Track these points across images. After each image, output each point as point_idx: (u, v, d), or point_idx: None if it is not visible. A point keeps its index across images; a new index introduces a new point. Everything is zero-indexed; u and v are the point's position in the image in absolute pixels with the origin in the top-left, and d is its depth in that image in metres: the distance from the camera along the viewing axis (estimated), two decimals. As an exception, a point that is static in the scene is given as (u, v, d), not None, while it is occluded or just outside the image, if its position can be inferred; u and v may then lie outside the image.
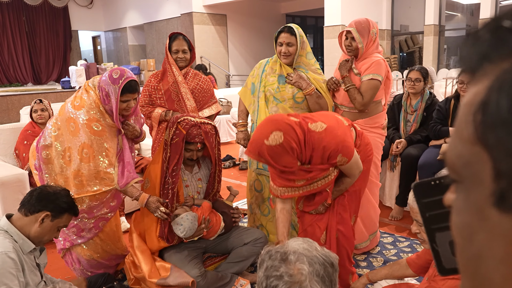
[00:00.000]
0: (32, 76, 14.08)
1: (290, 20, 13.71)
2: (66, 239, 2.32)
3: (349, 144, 1.95)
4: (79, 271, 2.38)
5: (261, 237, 2.42)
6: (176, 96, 2.82)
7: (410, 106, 3.36)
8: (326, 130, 1.90)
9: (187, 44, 2.82)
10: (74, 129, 2.13)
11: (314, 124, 1.92)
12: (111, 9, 14.92)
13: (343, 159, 1.93)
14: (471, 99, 0.30)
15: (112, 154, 2.18)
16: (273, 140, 1.78)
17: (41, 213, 1.70)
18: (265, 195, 2.71)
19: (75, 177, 2.14)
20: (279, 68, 2.57)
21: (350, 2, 9.05)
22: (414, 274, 1.89)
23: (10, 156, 3.43)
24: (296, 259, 0.97)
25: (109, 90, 2.11)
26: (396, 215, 3.32)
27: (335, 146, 1.89)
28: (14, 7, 13.32)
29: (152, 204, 2.23)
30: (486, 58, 0.30)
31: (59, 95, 9.19)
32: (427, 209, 0.45)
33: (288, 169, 1.88)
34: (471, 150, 0.29)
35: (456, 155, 0.31)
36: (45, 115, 3.42)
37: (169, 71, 2.81)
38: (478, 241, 0.29)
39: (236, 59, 12.41)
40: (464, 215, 0.31)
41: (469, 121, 0.29)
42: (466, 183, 0.31)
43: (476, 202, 0.30)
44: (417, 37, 11.24)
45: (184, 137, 2.27)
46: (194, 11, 11.19)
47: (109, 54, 16.04)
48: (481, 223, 0.29)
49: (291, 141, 1.80)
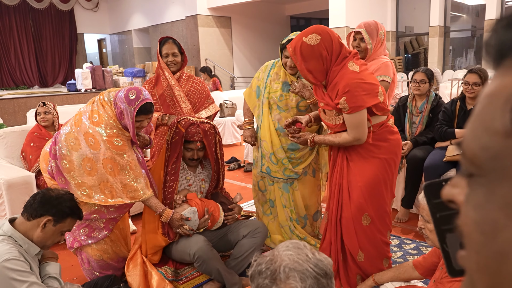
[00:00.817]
0: (38, 79, 14.18)
1: (294, 22, 13.73)
2: (76, 239, 2.34)
3: (358, 98, 1.94)
4: (88, 271, 2.40)
5: (258, 227, 2.43)
6: (171, 100, 2.82)
7: (415, 108, 3.35)
8: (353, 73, 1.97)
9: (177, 48, 2.81)
10: (94, 143, 2.16)
11: (352, 63, 2.00)
12: (117, 12, 15.02)
13: (345, 105, 1.96)
14: (499, 90, 0.29)
15: (135, 166, 2.22)
16: (310, 39, 1.96)
17: (43, 218, 1.68)
18: (268, 196, 2.73)
19: (104, 187, 2.18)
20: (284, 74, 2.56)
21: (355, 3, 9.04)
22: (420, 277, 1.87)
23: (17, 158, 3.46)
24: (287, 276, 0.92)
25: (123, 109, 2.16)
26: (402, 217, 3.31)
27: (345, 85, 1.94)
28: (20, 11, 13.45)
29: (176, 222, 2.27)
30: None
31: (65, 98, 9.26)
32: (438, 210, 0.44)
33: (313, 79, 2.02)
34: (503, 143, 0.28)
35: (480, 147, 0.29)
36: (48, 117, 3.45)
37: (162, 76, 2.83)
38: (504, 238, 0.28)
39: (240, 61, 12.44)
40: (487, 210, 0.30)
41: (502, 113, 0.28)
42: (491, 177, 0.29)
43: (504, 197, 0.28)
44: (422, 38, 11.20)
45: (183, 136, 2.32)
46: (198, 14, 11.24)
47: (115, 56, 16.13)
48: (507, 219, 0.28)
49: (323, 48, 1.96)
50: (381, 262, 2.26)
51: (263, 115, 2.60)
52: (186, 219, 2.28)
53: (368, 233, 2.19)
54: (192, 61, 11.68)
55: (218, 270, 2.24)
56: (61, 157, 2.20)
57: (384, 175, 2.14)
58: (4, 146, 3.45)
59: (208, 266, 2.21)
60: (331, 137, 2.13)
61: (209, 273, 2.27)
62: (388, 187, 2.20)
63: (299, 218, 2.74)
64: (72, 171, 2.19)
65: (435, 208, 0.45)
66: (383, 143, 2.12)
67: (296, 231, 2.70)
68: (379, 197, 2.16)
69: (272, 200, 2.73)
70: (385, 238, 2.26)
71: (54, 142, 2.26)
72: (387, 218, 2.24)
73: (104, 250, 2.37)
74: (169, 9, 12.69)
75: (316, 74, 2.01)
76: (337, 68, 1.99)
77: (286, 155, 2.57)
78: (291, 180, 2.63)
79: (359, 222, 2.18)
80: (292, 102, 2.51)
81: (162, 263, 2.42)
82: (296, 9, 13.30)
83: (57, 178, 2.25)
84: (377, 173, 2.12)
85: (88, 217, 2.27)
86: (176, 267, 2.41)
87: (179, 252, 2.33)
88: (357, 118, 1.98)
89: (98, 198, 2.19)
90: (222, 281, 2.29)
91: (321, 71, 2.00)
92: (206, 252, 2.21)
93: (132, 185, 2.19)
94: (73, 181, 2.20)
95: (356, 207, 2.15)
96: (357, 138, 2.03)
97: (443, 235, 0.45)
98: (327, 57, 1.98)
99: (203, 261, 2.19)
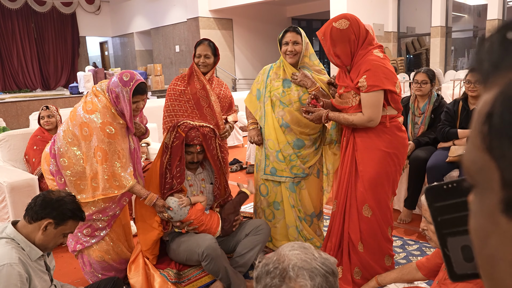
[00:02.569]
0: (41, 82, 14.24)
1: (296, 23, 13.72)
2: (78, 241, 2.35)
3: (378, 78, 2.07)
4: (90, 274, 2.40)
5: (261, 224, 2.45)
6: (205, 102, 2.82)
7: (417, 108, 3.34)
8: (378, 58, 2.10)
9: (212, 50, 2.81)
10: (87, 133, 2.20)
11: (377, 51, 2.14)
12: (118, 15, 15.07)
13: (364, 83, 2.07)
14: (481, 107, 0.31)
15: (123, 156, 2.26)
16: (339, 24, 2.10)
17: (44, 221, 1.66)
18: (270, 199, 2.71)
19: (92, 179, 2.22)
20: (283, 72, 2.58)
21: (356, 5, 9.04)
22: (424, 278, 1.87)
23: (20, 161, 3.47)
24: (296, 275, 0.92)
25: (119, 92, 2.21)
26: (405, 218, 3.30)
27: (368, 64, 2.07)
28: (23, 14, 13.51)
29: (158, 208, 2.34)
30: (496, 67, 0.30)
31: (67, 101, 9.29)
32: (439, 214, 0.44)
33: (340, 61, 2.16)
34: (483, 158, 0.30)
35: (471, 161, 0.32)
36: (52, 121, 3.46)
37: (196, 77, 2.83)
38: (492, 243, 0.30)
39: (242, 63, 12.45)
40: (479, 217, 0.32)
41: (478, 131, 0.30)
42: (480, 188, 0.32)
43: (489, 207, 0.30)
44: (424, 39, 11.19)
45: (183, 140, 2.36)
46: (200, 16, 11.26)
47: (117, 59, 16.18)
48: (493, 227, 0.30)
49: (352, 32, 2.10)
50: (382, 258, 2.27)
51: (266, 114, 2.61)
52: (168, 208, 2.33)
53: (369, 225, 2.23)
54: (194, 63, 11.69)
55: (225, 269, 2.25)
56: (60, 155, 2.23)
57: (386, 168, 2.19)
58: (7, 149, 3.46)
59: (216, 264, 2.22)
60: (346, 114, 2.21)
61: (216, 272, 2.26)
62: (391, 182, 2.23)
63: (307, 216, 2.74)
64: (70, 168, 2.22)
65: (436, 212, 0.44)
66: (389, 137, 2.17)
67: (303, 232, 2.69)
68: (380, 189, 2.21)
69: (277, 202, 2.71)
70: (386, 233, 2.28)
71: (53, 142, 2.30)
72: (388, 213, 2.28)
73: (105, 251, 2.37)
74: (170, 12, 12.72)
75: (343, 57, 2.14)
76: (362, 52, 2.13)
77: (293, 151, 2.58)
78: (298, 179, 2.63)
79: (360, 212, 2.24)
80: (294, 96, 2.53)
81: (164, 265, 2.42)
82: (297, 11, 13.31)
83: (56, 177, 2.27)
84: (380, 165, 2.17)
85: (90, 217, 2.28)
86: (178, 268, 2.41)
87: (187, 251, 2.32)
88: (374, 97, 2.07)
89: (92, 194, 2.23)
90: (228, 280, 2.28)
91: (347, 54, 2.13)
92: (215, 249, 2.22)
93: (119, 174, 2.23)
94: (70, 178, 2.23)
95: (358, 196, 2.22)
96: (371, 119, 2.11)
97: (444, 239, 0.44)
98: (355, 40, 2.11)
99: (211, 259, 2.20)
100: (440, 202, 0.44)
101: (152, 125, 4.23)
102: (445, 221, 0.44)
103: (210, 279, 2.41)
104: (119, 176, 2.23)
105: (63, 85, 14.41)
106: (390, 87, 2.08)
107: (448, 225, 0.44)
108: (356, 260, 2.28)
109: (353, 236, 2.27)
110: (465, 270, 0.44)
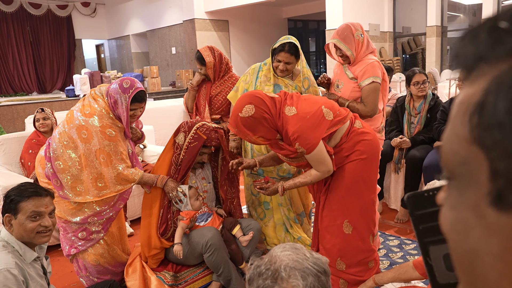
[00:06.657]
0: (37, 85, 14.18)
1: (292, 24, 13.75)
2: (73, 245, 2.34)
3: (309, 137, 1.96)
4: (86, 278, 2.39)
5: (250, 223, 2.48)
6: (203, 97, 3.09)
7: (413, 108, 3.35)
8: (293, 117, 2.00)
9: (211, 53, 3.05)
10: (86, 136, 2.20)
11: (288, 108, 2.02)
12: (114, 17, 15.05)
13: (301, 148, 1.99)
14: (466, 99, 0.30)
15: (126, 157, 2.29)
16: (246, 112, 1.97)
17: (4, 219, 1.66)
18: (261, 199, 2.75)
19: (97, 180, 2.22)
20: (273, 77, 2.57)
21: (352, 5, 9.06)
22: (420, 277, 1.87)
23: (15, 165, 3.45)
24: (288, 275, 0.92)
25: (118, 98, 2.22)
26: (401, 217, 3.30)
27: (292, 133, 1.98)
28: (18, 18, 13.46)
29: (170, 186, 2.34)
30: (482, 58, 0.30)
31: (63, 104, 9.26)
32: (421, 222, 0.43)
33: (266, 141, 2.05)
34: (468, 150, 0.29)
35: (452, 153, 0.31)
36: (47, 123, 3.45)
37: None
38: (474, 237, 0.30)
39: (238, 64, 12.45)
40: (459, 211, 0.31)
41: (465, 122, 0.30)
42: (461, 181, 0.31)
43: (472, 200, 0.30)
44: (420, 38, 11.22)
45: (204, 142, 2.38)
46: (196, 18, 11.26)
47: (113, 62, 16.15)
48: (477, 220, 0.30)
49: (262, 112, 1.98)
50: (366, 265, 2.24)
51: None
52: (181, 192, 2.34)
53: (351, 241, 2.16)
54: (190, 65, 11.70)
55: (227, 261, 2.27)
56: (55, 157, 2.23)
57: (362, 174, 2.12)
58: (2, 153, 3.45)
59: (219, 255, 2.24)
60: (301, 178, 2.13)
61: (218, 265, 2.25)
62: (369, 184, 2.17)
63: (297, 216, 2.76)
64: (66, 171, 2.21)
65: (418, 220, 0.43)
66: (358, 147, 2.10)
67: (291, 230, 2.71)
68: (359, 198, 2.14)
69: (267, 202, 2.74)
70: (368, 244, 2.21)
71: (48, 145, 2.28)
72: (370, 221, 2.20)
73: (100, 254, 2.36)
74: (166, 14, 12.71)
75: (268, 136, 2.03)
76: (280, 120, 2.02)
77: None
78: (286, 180, 2.63)
79: (340, 230, 2.16)
80: None
81: (161, 268, 2.41)
82: (293, 12, 13.33)
83: (52, 180, 2.26)
84: (355, 175, 2.11)
85: (85, 220, 2.27)
86: (175, 271, 2.40)
87: (190, 244, 2.31)
88: (317, 154, 2.00)
89: (93, 193, 2.21)
90: (229, 275, 2.28)
91: (270, 131, 2.02)
92: (218, 240, 2.27)
93: (124, 173, 2.26)
94: (67, 182, 2.22)
95: (337, 215, 2.15)
96: (326, 171, 2.06)
97: (426, 248, 0.43)
98: (269, 117, 1.99)
99: (214, 250, 2.22)
100: (422, 210, 0.43)
101: (148, 127, 4.21)
102: (427, 229, 0.42)
103: (206, 281, 2.40)
104: (127, 174, 2.26)
105: (59, 88, 14.36)
106: (323, 131, 1.99)
107: (430, 234, 0.42)
108: (339, 274, 2.22)
109: (330, 258, 2.17)
110: (448, 280, 0.43)
